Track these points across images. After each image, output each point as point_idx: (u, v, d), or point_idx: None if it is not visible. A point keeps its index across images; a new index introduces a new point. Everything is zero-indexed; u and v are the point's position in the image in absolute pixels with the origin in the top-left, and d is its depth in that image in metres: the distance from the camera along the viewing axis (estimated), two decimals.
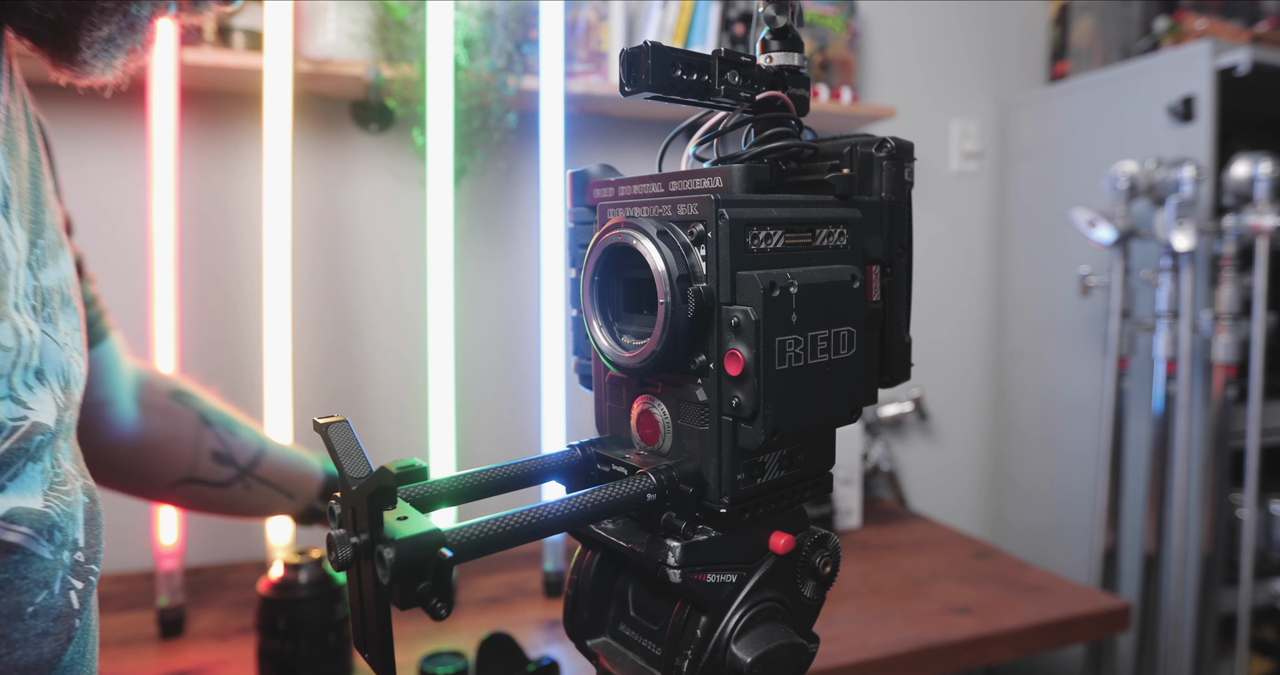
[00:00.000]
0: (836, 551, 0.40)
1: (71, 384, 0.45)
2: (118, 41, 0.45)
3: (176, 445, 0.79)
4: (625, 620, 0.41)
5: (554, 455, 0.40)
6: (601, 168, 0.44)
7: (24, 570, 0.39)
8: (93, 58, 0.45)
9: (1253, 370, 1.50)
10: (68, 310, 0.46)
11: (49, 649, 0.40)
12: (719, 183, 0.37)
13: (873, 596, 1.30)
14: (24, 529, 0.39)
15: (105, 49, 0.45)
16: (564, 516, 0.32)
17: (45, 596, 0.40)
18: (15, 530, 0.39)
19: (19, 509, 0.39)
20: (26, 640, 0.39)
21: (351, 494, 0.28)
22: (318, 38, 1.35)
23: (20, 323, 0.40)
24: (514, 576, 1.37)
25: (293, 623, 0.91)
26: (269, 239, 1.24)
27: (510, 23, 1.42)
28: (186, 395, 0.82)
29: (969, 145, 2.04)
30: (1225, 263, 1.49)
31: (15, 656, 0.39)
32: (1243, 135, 1.70)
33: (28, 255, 0.42)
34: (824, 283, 0.36)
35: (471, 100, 1.39)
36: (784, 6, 0.40)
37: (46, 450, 0.41)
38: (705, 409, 0.35)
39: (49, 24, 0.43)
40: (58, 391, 0.43)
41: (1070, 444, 1.88)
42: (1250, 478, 1.51)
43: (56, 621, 0.41)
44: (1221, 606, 1.56)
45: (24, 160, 0.44)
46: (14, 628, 0.39)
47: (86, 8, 0.43)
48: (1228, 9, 1.92)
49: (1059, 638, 1.24)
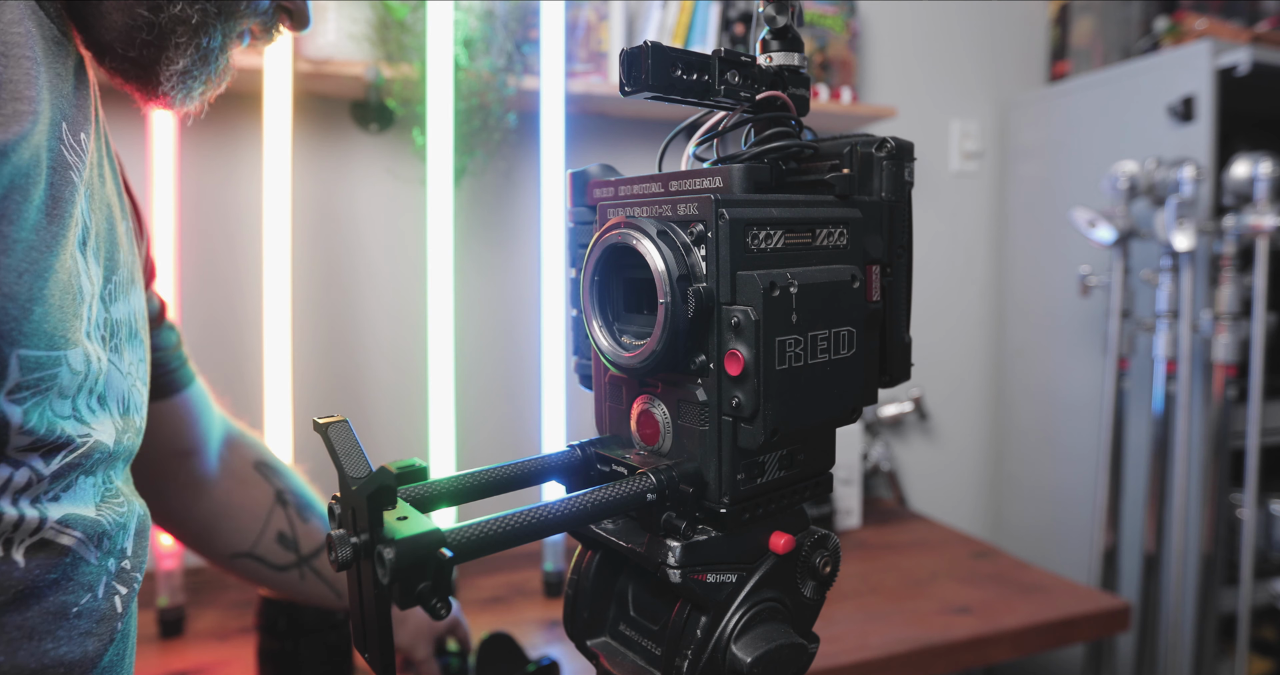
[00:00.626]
0: (836, 551, 0.40)
1: (131, 411, 0.48)
2: (194, 73, 0.49)
3: (246, 518, 0.76)
4: (625, 620, 0.41)
5: (554, 455, 0.40)
6: (601, 168, 0.44)
7: (72, 572, 0.42)
8: (172, 90, 0.49)
9: (1253, 370, 1.50)
10: (134, 342, 0.50)
11: (92, 648, 0.42)
12: (719, 183, 0.37)
13: (873, 596, 1.30)
14: (77, 533, 0.42)
15: (183, 81, 0.49)
16: (564, 516, 0.32)
17: (89, 599, 0.42)
18: (69, 534, 0.41)
19: (73, 515, 0.42)
20: (70, 638, 0.41)
21: (351, 494, 0.28)
22: (318, 38, 1.35)
23: (91, 350, 0.43)
24: (514, 576, 1.37)
25: (293, 623, 0.91)
26: (269, 239, 1.24)
27: (510, 22, 1.42)
28: (270, 468, 0.79)
29: (969, 145, 2.04)
30: (1225, 263, 1.49)
31: (60, 653, 0.41)
32: (1243, 135, 1.70)
33: (101, 289, 0.46)
34: (824, 283, 0.36)
35: (471, 100, 1.39)
36: (784, 6, 0.40)
37: (100, 467, 0.44)
38: (705, 409, 0.35)
39: (132, 61, 0.47)
40: (117, 416, 0.46)
41: (1070, 444, 1.88)
42: (1250, 478, 1.51)
43: (99, 623, 0.43)
44: (1222, 606, 1.56)
45: (104, 201, 0.48)
46: (60, 625, 0.41)
47: (163, 43, 0.47)
48: (1228, 9, 1.92)
49: (1059, 638, 1.24)
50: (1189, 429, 1.54)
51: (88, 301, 0.43)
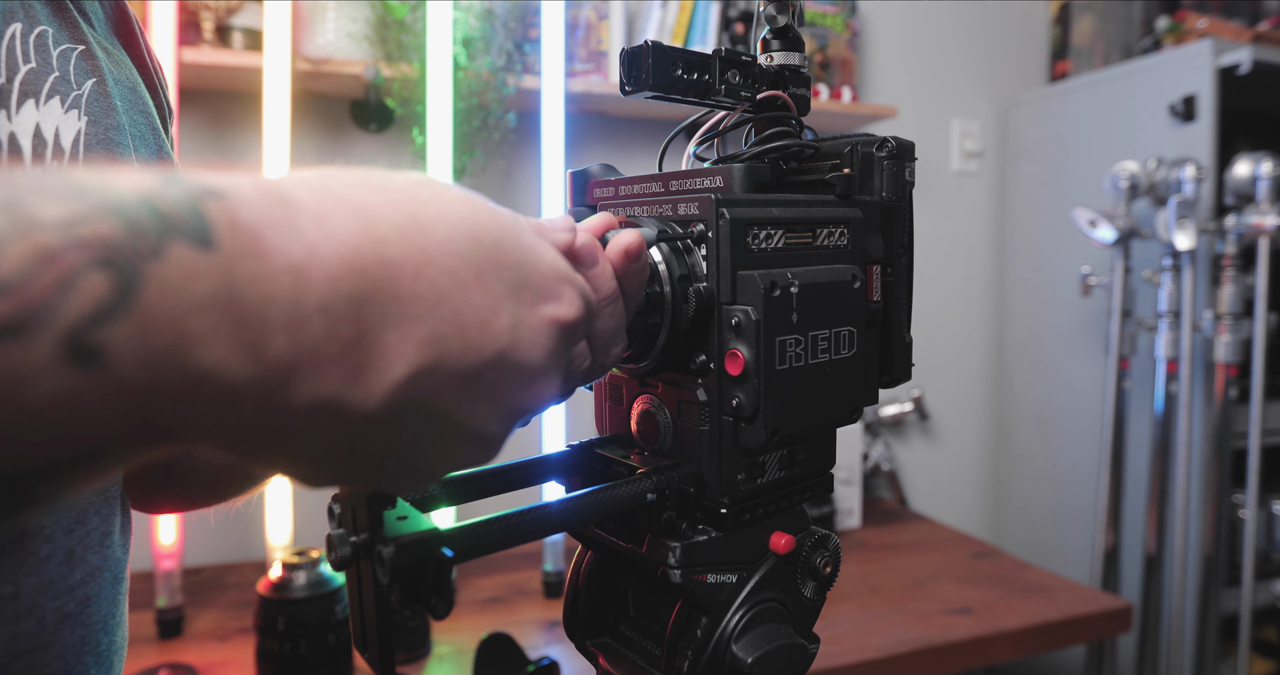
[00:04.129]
0: (837, 552, 0.39)
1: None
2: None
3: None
4: (625, 620, 0.41)
5: (554, 455, 0.40)
6: (602, 167, 0.44)
7: None
8: None
9: (1254, 370, 1.50)
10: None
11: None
12: (719, 182, 0.37)
13: (873, 597, 1.30)
14: None
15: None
16: (564, 516, 0.32)
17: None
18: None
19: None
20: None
21: (351, 494, 0.28)
22: (317, 37, 1.35)
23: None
24: (514, 576, 1.37)
25: (292, 623, 0.91)
26: None
27: (510, 22, 1.42)
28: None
29: (970, 145, 2.04)
30: (1227, 262, 1.49)
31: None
32: (1244, 135, 1.69)
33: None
34: (825, 282, 0.36)
35: (471, 100, 1.39)
36: (784, 6, 0.40)
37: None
38: (705, 409, 0.35)
39: None
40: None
41: (1071, 444, 1.88)
42: (1252, 478, 1.50)
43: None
44: (1223, 607, 1.56)
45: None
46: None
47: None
48: (1229, 8, 1.92)
49: (1060, 638, 1.24)
50: (1190, 429, 1.54)
51: None
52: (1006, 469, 2.09)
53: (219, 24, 1.31)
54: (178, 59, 1.19)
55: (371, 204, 0.24)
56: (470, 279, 0.25)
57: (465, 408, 0.25)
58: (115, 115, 0.44)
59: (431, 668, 1.06)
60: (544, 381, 0.27)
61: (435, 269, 0.24)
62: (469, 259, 0.25)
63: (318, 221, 0.22)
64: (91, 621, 0.42)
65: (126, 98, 0.47)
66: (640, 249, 0.33)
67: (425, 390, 0.23)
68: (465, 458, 0.27)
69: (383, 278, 0.22)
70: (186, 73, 1.24)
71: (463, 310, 0.24)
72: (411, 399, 0.23)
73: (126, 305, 0.17)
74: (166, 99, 0.54)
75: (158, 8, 1.16)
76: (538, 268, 0.27)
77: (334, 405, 0.22)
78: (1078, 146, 1.85)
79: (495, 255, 0.26)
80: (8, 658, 0.37)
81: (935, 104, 2.01)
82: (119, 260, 0.18)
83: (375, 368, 0.22)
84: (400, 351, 0.23)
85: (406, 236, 0.23)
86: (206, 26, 1.29)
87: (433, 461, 0.26)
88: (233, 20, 1.32)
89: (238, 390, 0.20)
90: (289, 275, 0.20)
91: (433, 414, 0.24)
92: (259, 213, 0.21)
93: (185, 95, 1.29)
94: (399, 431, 0.24)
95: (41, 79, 0.40)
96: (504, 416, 0.27)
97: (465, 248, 0.25)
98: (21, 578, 0.37)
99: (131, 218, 0.18)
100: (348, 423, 0.22)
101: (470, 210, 0.26)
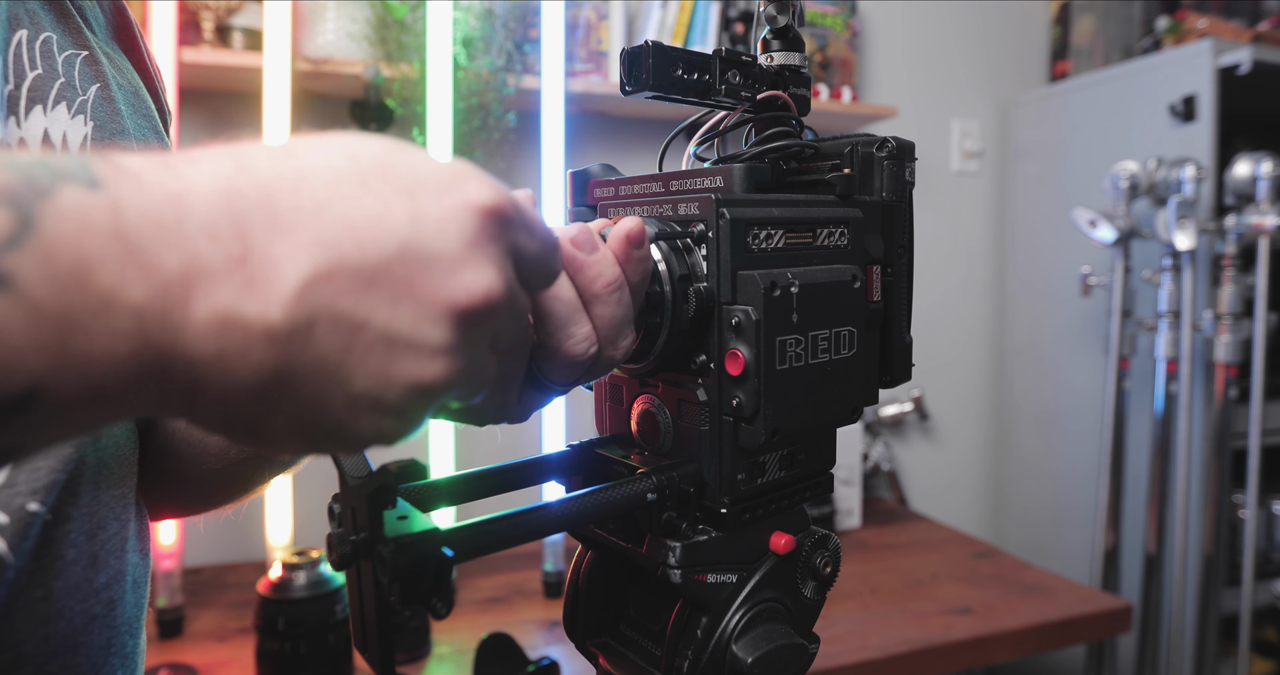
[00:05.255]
0: (837, 552, 0.40)
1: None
2: None
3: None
4: (625, 620, 0.41)
5: (554, 455, 0.40)
6: (602, 167, 0.44)
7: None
8: None
9: (1254, 370, 1.50)
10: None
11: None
12: (720, 182, 0.37)
13: (873, 597, 1.30)
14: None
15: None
16: (564, 516, 0.32)
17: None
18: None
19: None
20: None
21: (351, 493, 0.28)
22: (317, 37, 1.35)
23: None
24: (514, 576, 1.37)
25: (292, 623, 0.91)
26: None
27: (510, 22, 1.42)
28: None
29: (969, 145, 2.04)
30: (1227, 262, 1.49)
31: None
32: (1244, 135, 1.69)
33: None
34: (825, 282, 0.36)
35: (471, 100, 1.39)
36: (785, 6, 0.40)
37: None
38: (706, 409, 0.35)
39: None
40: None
41: (1071, 444, 1.88)
42: (1252, 478, 1.50)
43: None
44: (1223, 607, 1.56)
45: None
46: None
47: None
48: (1229, 8, 1.92)
49: (1060, 638, 1.24)
50: (1190, 429, 1.54)
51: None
52: (1006, 469, 2.09)
53: (219, 24, 1.31)
54: (178, 59, 1.19)
55: (247, 149, 0.25)
56: (353, 187, 0.25)
57: (385, 311, 0.24)
58: (120, 119, 0.45)
59: (431, 668, 1.06)
60: (471, 271, 0.26)
61: (313, 183, 0.25)
62: (347, 172, 0.25)
63: (192, 163, 0.24)
64: (117, 624, 0.42)
65: (130, 102, 0.47)
66: (641, 234, 0.33)
67: (329, 295, 0.23)
68: (411, 370, 0.25)
69: (257, 196, 0.24)
70: (186, 73, 1.24)
71: (349, 214, 0.24)
72: (316, 306, 0.23)
73: (26, 235, 0.20)
74: (166, 102, 0.55)
75: (158, 8, 1.15)
76: (429, 167, 0.27)
77: (235, 319, 0.22)
78: (1078, 146, 1.85)
79: (379, 166, 0.26)
80: (42, 659, 0.38)
81: (935, 104, 2.01)
82: (18, 199, 0.21)
83: (268, 278, 0.23)
84: (290, 258, 0.23)
85: (277, 162, 0.25)
86: (206, 26, 1.29)
87: (376, 380, 0.25)
88: (233, 20, 1.32)
89: (141, 311, 0.21)
90: (170, 202, 0.22)
91: (348, 322, 0.24)
92: (142, 163, 0.23)
93: (185, 95, 1.29)
94: (320, 350, 0.24)
95: (48, 85, 0.41)
96: (436, 317, 0.25)
97: (342, 164, 0.25)
98: (51, 581, 0.38)
99: (27, 170, 0.21)
100: (261, 341, 0.23)
101: (350, 139, 0.27)
